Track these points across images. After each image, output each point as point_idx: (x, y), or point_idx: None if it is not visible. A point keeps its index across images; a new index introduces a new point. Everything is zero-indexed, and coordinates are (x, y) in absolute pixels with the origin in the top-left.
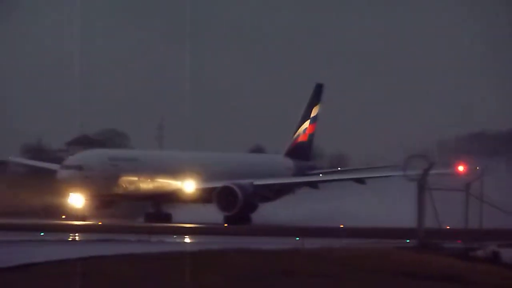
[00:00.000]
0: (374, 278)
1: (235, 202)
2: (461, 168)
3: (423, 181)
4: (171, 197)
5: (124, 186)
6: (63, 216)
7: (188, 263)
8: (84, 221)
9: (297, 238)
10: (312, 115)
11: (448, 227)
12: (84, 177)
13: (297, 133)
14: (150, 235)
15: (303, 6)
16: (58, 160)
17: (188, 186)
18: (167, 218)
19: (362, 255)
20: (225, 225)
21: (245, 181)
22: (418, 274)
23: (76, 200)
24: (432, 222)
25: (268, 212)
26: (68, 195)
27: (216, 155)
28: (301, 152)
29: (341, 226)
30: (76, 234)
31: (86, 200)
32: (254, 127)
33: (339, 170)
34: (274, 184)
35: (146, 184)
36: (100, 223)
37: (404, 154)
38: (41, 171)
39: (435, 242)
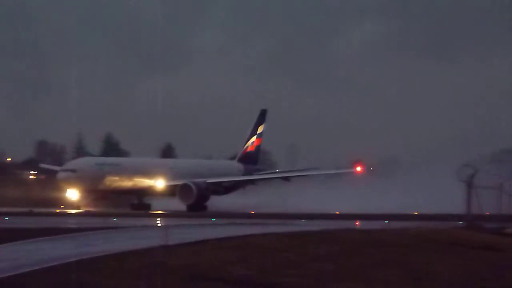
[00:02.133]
0: (441, 246)
1: (191, 195)
2: None
3: (471, 182)
4: (146, 192)
5: (108, 183)
6: (62, 206)
7: (312, 239)
8: (79, 209)
9: (386, 221)
10: (258, 132)
11: (487, 213)
12: (77, 177)
13: (246, 145)
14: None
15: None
16: None
17: (159, 183)
18: (148, 207)
19: (434, 232)
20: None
21: (200, 180)
22: (467, 245)
23: (72, 194)
24: (474, 210)
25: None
26: (66, 191)
27: (184, 161)
28: (250, 159)
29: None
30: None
31: (80, 194)
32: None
33: (276, 171)
34: (222, 182)
35: (125, 182)
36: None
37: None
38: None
39: (478, 223)
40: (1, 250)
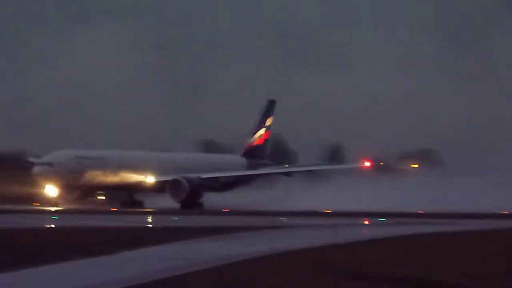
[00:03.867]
0: None
1: (182, 191)
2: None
3: None
4: (134, 188)
5: (90, 179)
6: (35, 204)
7: (480, 238)
8: (57, 207)
9: None
10: (266, 124)
11: None
12: (54, 172)
13: (253, 138)
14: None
15: None
16: None
17: (148, 179)
18: (140, 204)
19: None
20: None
21: (193, 175)
22: None
23: (50, 190)
24: None
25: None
26: (43, 187)
27: (177, 154)
28: (256, 153)
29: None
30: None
31: (58, 190)
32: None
33: (286, 166)
34: (219, 177)
35: (110, 178)
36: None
37: None
38: None
39: None
40: (169, 249)
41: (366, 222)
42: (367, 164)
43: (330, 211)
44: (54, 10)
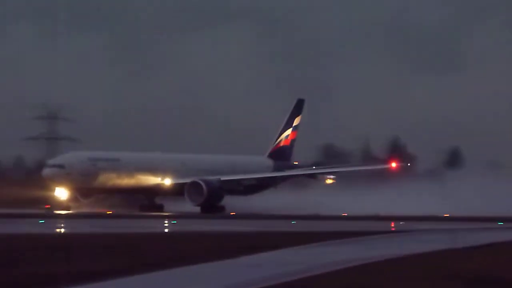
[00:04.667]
0: None
1: (201, 194)
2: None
3: None
4: (150, 191)
5: (103, 181)
6: (47, 206)
7: None
8: (68, 210)
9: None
10: (294, 124)
11: None
12: (65, 174)
13: (279, 139)
14: None
15: None
16: None
17: (166, 181)
18: (160, 208)
19: None
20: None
21: (213, 177)
22: None
23: (61, 193)
24: None
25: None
26: (53, 189)
27: (197, 156)
28: (283, 154)
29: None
30: None
31: (70, 193)
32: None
33: (313, 168)
34: (241, 180)
35: (125, 180)
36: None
37: None
38: None
39: None
40: (293, 253)
41: (487, 226)
42: (393, 165)
43: (447, 215)
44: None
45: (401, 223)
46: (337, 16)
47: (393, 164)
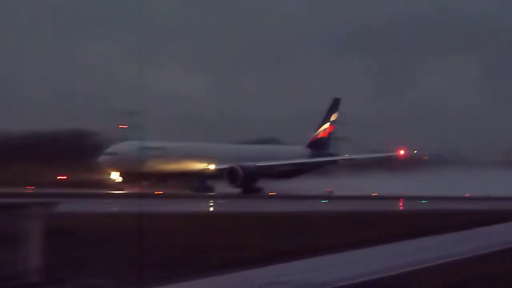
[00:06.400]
0: None
1: (238, 178)
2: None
3: None
4: (194, 175)
5: (150, 166)
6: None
7: None
8: (123, 191)
9: None
10: (332, 119)
11: None
12: (117, 160)
13: (318, 131)
14: None
15: None
16: None
17: (210, 167)
18: (211, 189)
19: None
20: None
21: (249, 163)
22: None
23: (115, 176)
24: None
25: None
26: (109, 173)
27: (239, 146)
28: (320, 144)
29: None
30: None
31: (121, 176)
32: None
33: (346, 156)
34: (274, 165)
35: (170, 166)
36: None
37: None
38: None
39: None
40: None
41: None
42: (402, 152)
43: None
44: None
45: None
46: None
47: (401, 152)
